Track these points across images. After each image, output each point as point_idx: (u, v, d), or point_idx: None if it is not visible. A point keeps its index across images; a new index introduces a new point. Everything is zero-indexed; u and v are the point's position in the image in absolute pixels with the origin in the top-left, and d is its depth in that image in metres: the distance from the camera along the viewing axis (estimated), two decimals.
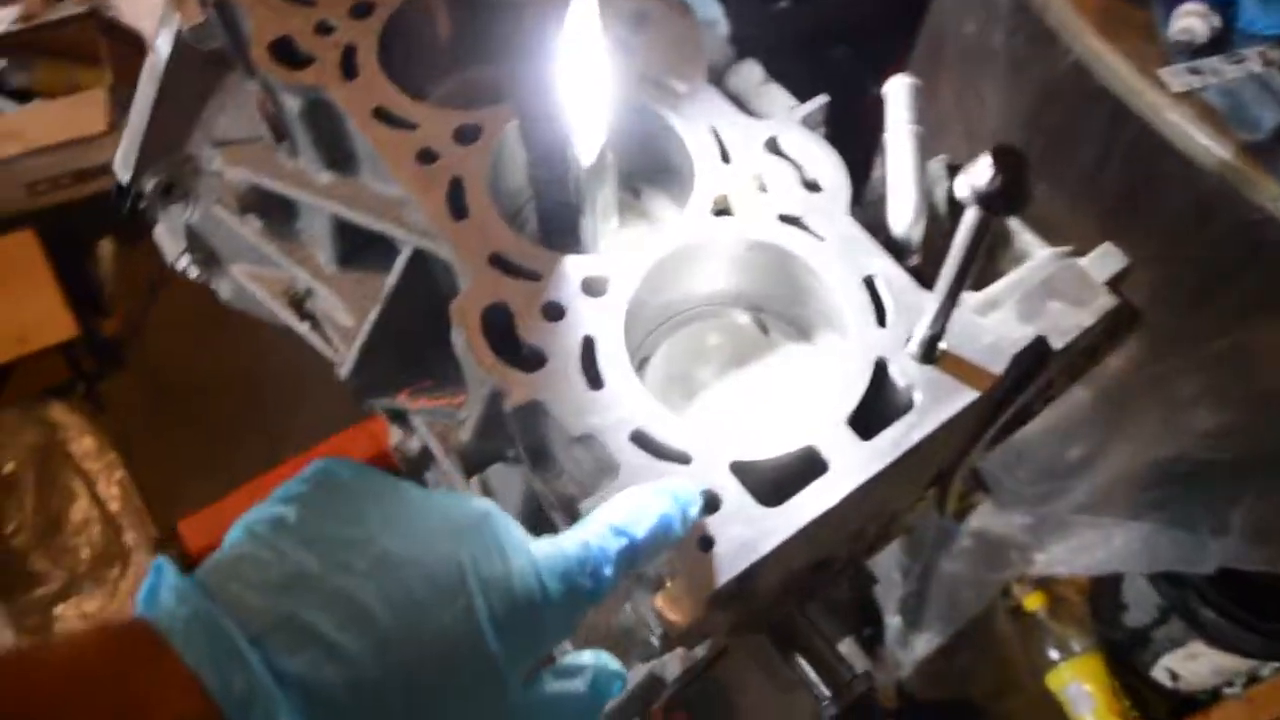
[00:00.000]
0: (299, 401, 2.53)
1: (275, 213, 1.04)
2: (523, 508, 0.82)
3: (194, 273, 1.18)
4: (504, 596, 0.52)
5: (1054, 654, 2.21)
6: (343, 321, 1.01)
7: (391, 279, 0.86)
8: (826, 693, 0.93)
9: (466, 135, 0.78)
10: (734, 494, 0.62)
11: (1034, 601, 2.26)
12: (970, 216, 0.53)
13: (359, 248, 1.00)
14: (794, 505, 0.61)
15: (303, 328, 1.08)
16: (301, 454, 2.41)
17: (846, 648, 2.29)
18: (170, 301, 2.81)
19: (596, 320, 0.69)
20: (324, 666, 0.49)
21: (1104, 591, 2.24)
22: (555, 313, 0.69)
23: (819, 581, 0.89)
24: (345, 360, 0.93)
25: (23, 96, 3.03)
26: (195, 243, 1.15)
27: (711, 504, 0.62)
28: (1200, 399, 1.68)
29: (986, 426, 0.75)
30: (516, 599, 0.53)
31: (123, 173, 1.13)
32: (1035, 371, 0.69)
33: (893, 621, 2.20)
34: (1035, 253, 0.76)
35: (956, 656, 2.29)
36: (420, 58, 0.89)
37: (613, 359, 0.67)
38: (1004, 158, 0.48)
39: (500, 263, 0.72)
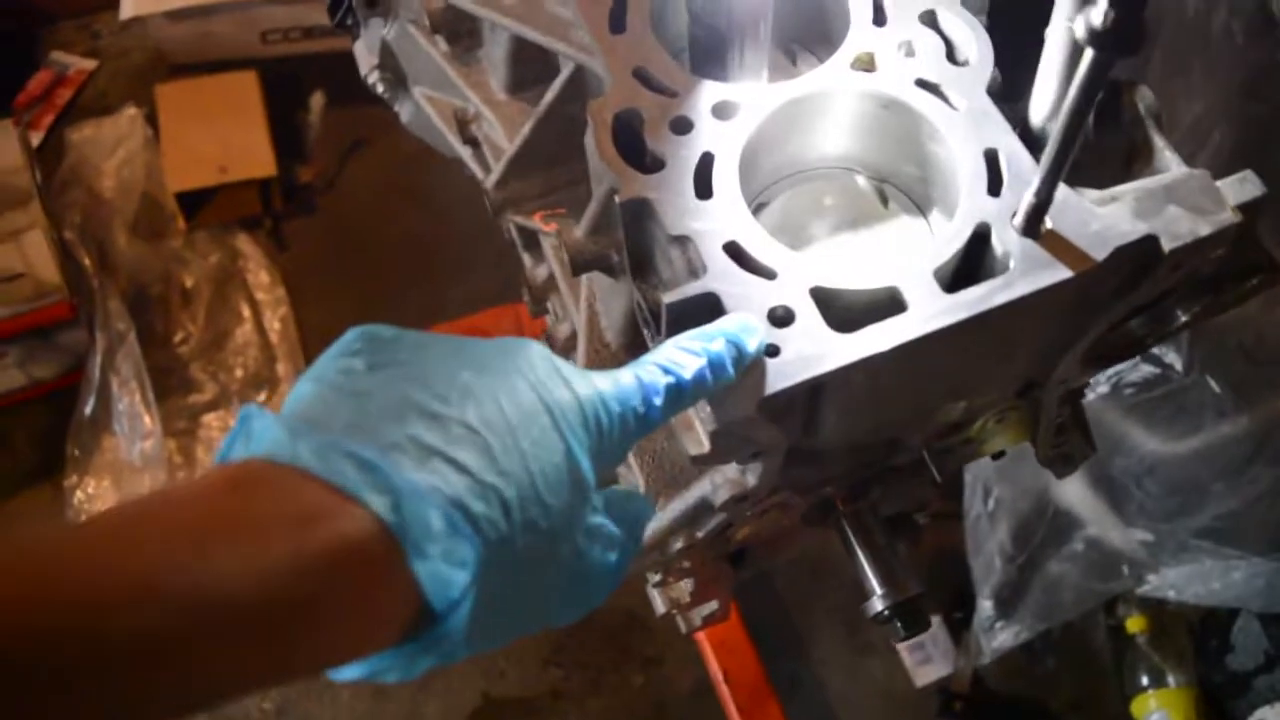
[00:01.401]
0: (460, 276, 2.66)
1: (462, 36, 1.11)
2: (623, 323, 0.87)
3: (381, 89, 1.27)
4: (578, 416, 0.55)
5: (1145, 680, 2.13)
6: (501, 145, 1.07)
7: (550, 95, 0.92)
8: (877, 588, 0.94)
9: None
10: (807, 314, 0.64)
11: (1137, 624, 2.18)
12: (1085, 59, 0.53)
13: (529, 79, 1.06)
14: (863, 334, 0.63)
15: (465, 151, 1.15)
16: (451, 321, 2.54)
17: (934, 627, 2.28)
18: (366, 162, 2.98)
19: (719, 139, 0.72)
20: (450, 478, 0.49)
21: (1213, 629, 2.15)
22: (683, 126, 0.73)
23: (893, 469, 0.90)
24: (494, 172, 1.00)
25: None
26: (387, 60, 1.24)
27: (784, 319, 0.64)
28: None
29: (1082, 328, 0.75)
30: (588, 418, 0.55)
31: None
32: (1141, 274, 0.69)
33: (984, 605, 2.17)
34: (1174, 169, 0.75)
35: (1042, 658, 2.25)
36: None
37: (725, 175, 0.70)
38: None
39: (643, 76, 0.75)
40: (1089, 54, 0.53)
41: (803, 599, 2.29)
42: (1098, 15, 0.50)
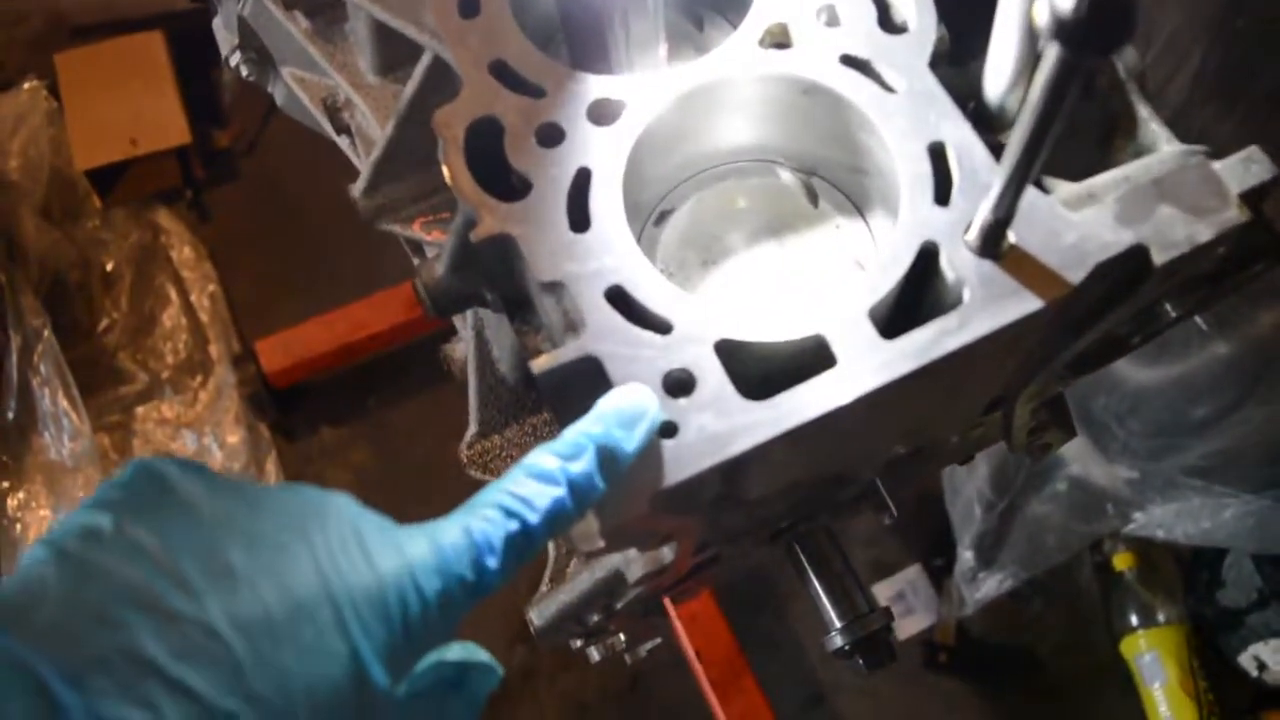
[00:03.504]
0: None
1: (323, 8, 0.95)
2: (514, 360, 0.73)
3: (245, 71, 1.11)
4: (373, 607, 0.43)
5: (1134, 619, 2.06)
6: (374, 137, 0.92)
7: (410, 87, 0.77)
8: (836, 621, 0.83)
9: None
10: (713, 377, 0.51)
11: (1124, 561, 2.10)
12: (1050, 57, 0.39)
13: (400, 58, 0.90)
14: (782, 403, 0.50)
15: (341, 140, 1.00)
16: (392, 288, 2.39)
17: (912, 574, 2.18)
18: (286, 119, 2.77)
19: (598, 151, 0.57)
20: (164, 709, 0.39)
21: (1202, 564, 2.06)
22: (552, 136, 0.58)
23: (842, 498, 0.78)
24: (360, 178, 0.85)
25: None
26: (247, 38, 1.07)
27: (683, 385, 0.51)
28: None
29: (1059, 348, 0.62)
30: (389, 608, 0.44)
31: None
32: (1128, 289, 0.56)
33: (965, 555, 2.07)
34: (1162, 148, 0.61)
35: (1028, 601, 2.16)
36: None
37: (605, 198, 0.56)
38: None
39: (502, 72, 0.61)
40: (1053, 50, 0.39)
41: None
42: (1065, 0, 0.36)
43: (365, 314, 2.32)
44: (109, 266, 2.53)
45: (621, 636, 0.86)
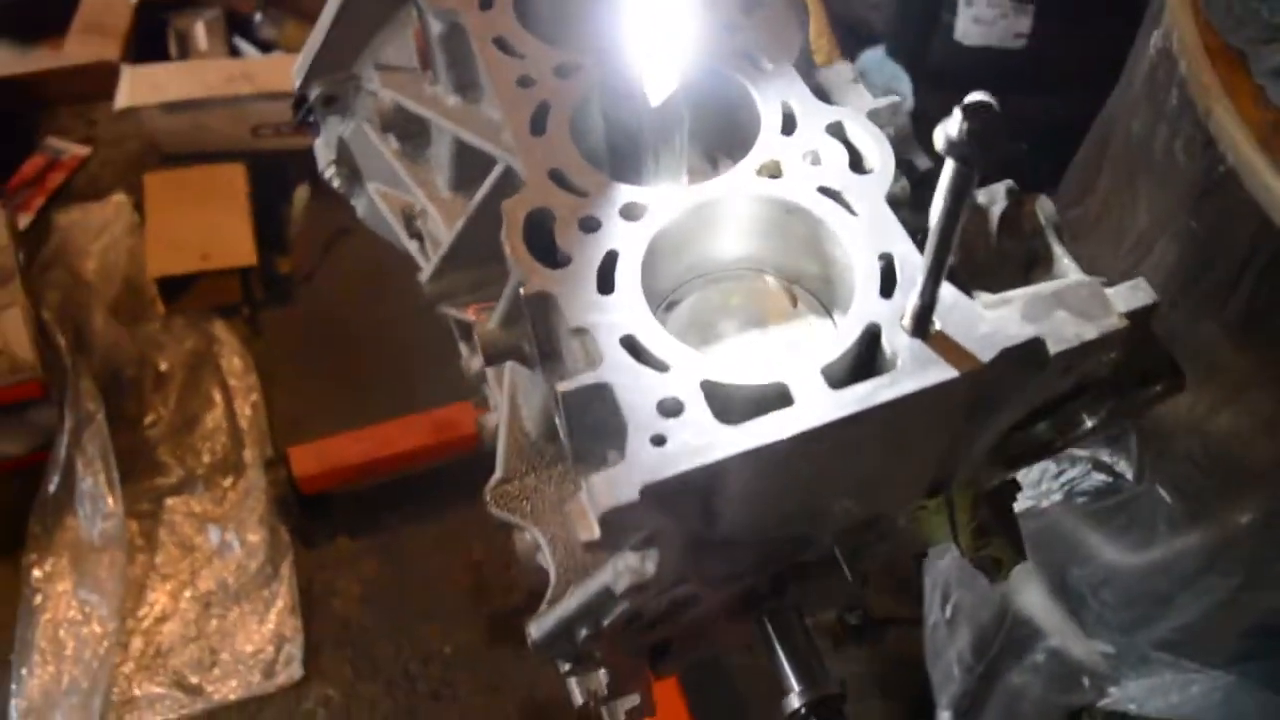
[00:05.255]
0: (433, 370, 2.67)
1: (412, 135, 1.15)
2: (540, 414, 0.88)
3: (337, 183, 1.30)
4: None
5: None
6: (442, 239, 1.10)
7: (482, 192, 0.95)
8: (795, 684, 0.94)
9: (565, 70, 0.86)
10: (696, 407, 0.66)
11: None
12: (947, 169, 0.56)
13: (472, 177, 1.09)
14: (749, 427, 0.65)
15: (412, 245, 1.18)
16: (419, 413, 2.55)
17: None
18: (344, 254, 3.02)
19: (625, 238, 0.75)
20: None
21: None
22: (591, 225, 0.75)
23: (805, 565, 0.90)
24: (429, 266, 1.02)
25: (266, 48, 3.34)
26: (343, 155, 1.27)
27: (673, 410, 0.66)
28: None
29: (978, 430, 0.76)
30: None
31: (296, 78, 1.27)
32: (1029, 374, 0.71)
33: (943, 715, 2.14)
34: (1071, 276, 0.78)
35: None
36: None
37: (627, 272, 0.73)
38: (974, 107, 0.52)
39: (558, 178, 0.78)
40: (949, 164, 0.56)
41: (761, 688, 2.26)
42: (954, 126, 0.53)
43: (394, 433, 2.48)
44: (163, 367, 2.72)
45: (604, 678, 0.97)
